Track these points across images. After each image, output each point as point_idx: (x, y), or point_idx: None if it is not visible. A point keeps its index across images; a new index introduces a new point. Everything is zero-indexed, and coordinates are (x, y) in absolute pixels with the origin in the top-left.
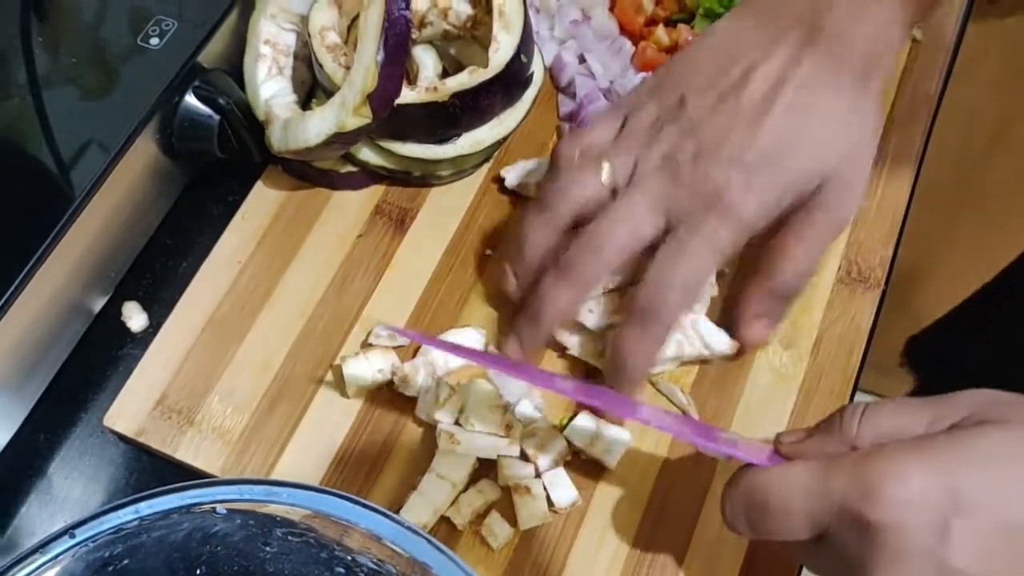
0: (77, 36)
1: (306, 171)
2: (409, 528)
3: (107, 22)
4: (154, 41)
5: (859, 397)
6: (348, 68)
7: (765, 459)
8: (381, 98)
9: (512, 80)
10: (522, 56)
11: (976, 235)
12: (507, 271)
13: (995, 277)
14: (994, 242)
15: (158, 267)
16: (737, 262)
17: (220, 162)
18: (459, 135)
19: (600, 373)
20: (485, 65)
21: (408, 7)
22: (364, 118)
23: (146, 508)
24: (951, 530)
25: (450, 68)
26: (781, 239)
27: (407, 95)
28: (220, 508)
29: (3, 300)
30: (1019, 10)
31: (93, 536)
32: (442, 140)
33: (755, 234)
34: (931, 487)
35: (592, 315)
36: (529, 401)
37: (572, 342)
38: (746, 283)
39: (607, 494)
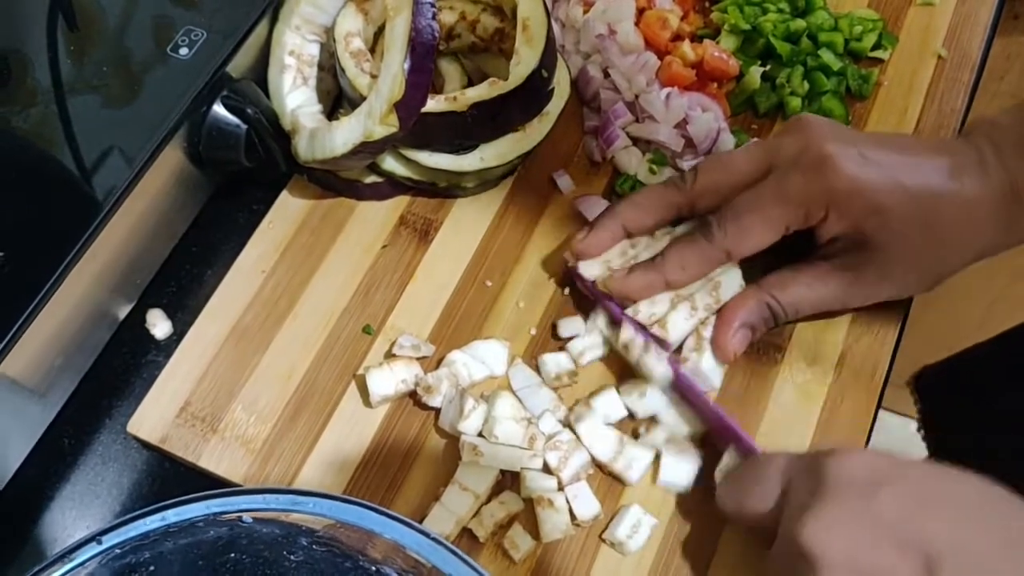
0: (107, 45)
1: (331, 181)
2: (433, 538)
3: (137, 31)
4: (183, 51)
5: (879, 414)
6: (373, 76)
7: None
8: (408, 107)
9: (531, 94)
10: (543, 71)
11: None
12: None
13: (1016, 327)
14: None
15: (183, 275)
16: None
17: (246, 171)
18: (476, 145)
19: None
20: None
21: (435, 16)
22: (391, 127)
23: (173, 516)
24: (883, 488)
25: (478, 81)
26: (808, 267)
27: (427, 104)
28: (246, 517)
29: (31, 307)
30: None
31: (120, 543)
32: (460, 150)
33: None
34: (879, 461)
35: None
36: (552, 415)
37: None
38: (749, 290)
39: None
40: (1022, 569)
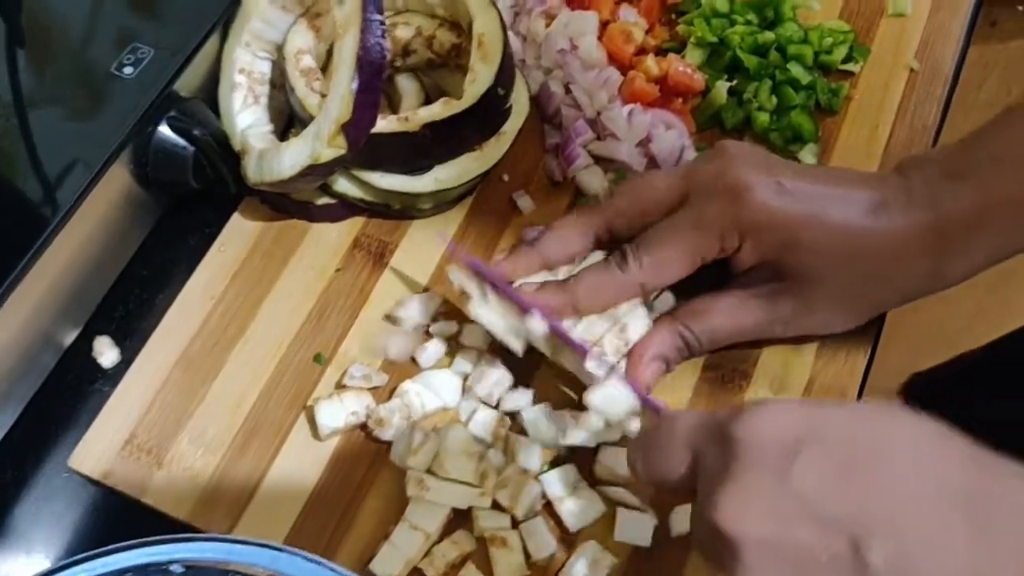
0: (52, 66)
1: (283, 202)
2: None
3: (82, 51)
4: (128, 70)
5: None
6: (323, 95)
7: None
8: (356, 128)
9: (487, 113)
10: (499, 88)
11: None
12: None
13: (1006, 336)
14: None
15: (132, 300)
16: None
17: (197, 192)
18: (431, 166)
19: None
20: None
21: (384, 35)
22: (339, 148)
23: (100, 567)
24: (799, 454)
25: (436, 98)
26: (724, 296)
27: (379, 124)
28: (176, 567)
29: None
30: (1021, 34)
31: None
32: (415, 171)
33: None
34: (793, 419)
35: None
36: (498, 450)
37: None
38: (662, 321)
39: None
40: (980, 539)
